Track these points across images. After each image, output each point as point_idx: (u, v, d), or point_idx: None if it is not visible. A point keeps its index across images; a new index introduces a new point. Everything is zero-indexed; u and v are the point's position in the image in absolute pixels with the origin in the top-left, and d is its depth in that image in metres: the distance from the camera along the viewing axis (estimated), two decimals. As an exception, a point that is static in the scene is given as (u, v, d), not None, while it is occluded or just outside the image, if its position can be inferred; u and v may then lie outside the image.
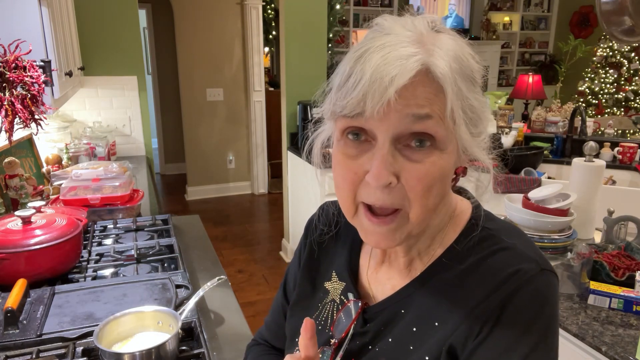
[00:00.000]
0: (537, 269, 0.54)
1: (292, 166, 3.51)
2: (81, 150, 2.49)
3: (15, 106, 1.30)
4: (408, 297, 0.60)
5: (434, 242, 0.61)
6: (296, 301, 0.75)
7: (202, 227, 1.86)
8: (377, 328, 0.61)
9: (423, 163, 0.51)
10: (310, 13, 3.36)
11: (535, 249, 0.58)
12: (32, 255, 1.23)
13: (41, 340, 1.01)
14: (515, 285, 0.52)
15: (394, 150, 0.51)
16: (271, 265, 3.71)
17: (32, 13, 1.45)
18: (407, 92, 0.48)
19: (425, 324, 0.57)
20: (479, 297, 0.53)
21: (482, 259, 0.56)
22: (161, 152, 6.15)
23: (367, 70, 0.48)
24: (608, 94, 5.17)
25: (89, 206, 1.86)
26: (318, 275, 0.73)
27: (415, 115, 0.49)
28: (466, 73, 0.52)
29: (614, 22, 2.27)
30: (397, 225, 0.54)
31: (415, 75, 0.48)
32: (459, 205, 0.63)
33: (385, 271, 0.65)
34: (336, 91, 0.52)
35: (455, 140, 0.52)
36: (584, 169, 1.70)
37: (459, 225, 0.61)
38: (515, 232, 0.60)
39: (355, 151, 0.53)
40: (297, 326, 0.71)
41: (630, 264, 1.42)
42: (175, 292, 1.20)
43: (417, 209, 0.52)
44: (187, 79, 4.98)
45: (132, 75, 3.06)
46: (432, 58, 0.49)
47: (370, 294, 0.66)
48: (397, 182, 0.51)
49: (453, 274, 0.57)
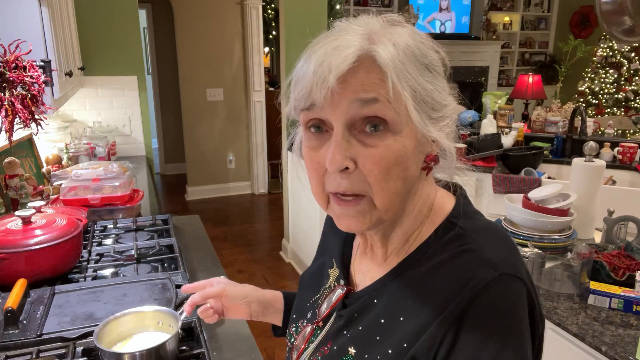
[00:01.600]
0: (495, 275, 0.52)
1: (292, 166, 3.51)
2: (81, 150, 2.49)
3: (15, 106, 1.30)
4: (381, 288, 0.62)
5: (411, 237, 0.62)
6: (303, 280, 0.81)
7: (202, 227, 1.86)
8: (352, 314, 0.64)
9: (377, 147, 0.53)
10: (310, 13, 3.36)
11: (504, 251, 0.56)
12: (32, 255, 1.23)
13: (41, 340, 1.01)
14: (472, 293, 0.52)
15: (349, 136, 0.53)
16: (271, 265, 3.71)
17: (32, 13, 1.45)
18: (352, 79, 0.51)
19: (392, 317, 0.58)
20: (441, 300, 0.53)
21: (446, 260, 0.56)
22: (161, 152, 6.15)
23: (312, 62, 0.52)
24: (608, 94, 5.17)
25: (89, 206, 1.86)
26: (324, 262, 0.78)
27: (362, 100, 0.51)
28: (418, 60, 0.53)
29: (614, 22, 2.27)
30: (363, 207, 0.55)
31: (356, 61, 0.51)
32: (439, 199, 0.63)
33: (367, 262, 0.68)
34: (292, 88, 0.56)
35: (410, 124, 0.53)
36: (584, 169, 1.70)
37: (435, 221, 0.61)
38: (488, 233, 0.59)
39: (317, 142, 0.56)
40: (299, 304, 0.77)
41: (630, 264, 1.42)
42: (175, 292, 1.20)
43: (379, 192, 0.54)
44: (187, 79, 4.99)
45: (132, 75, 3.06)
46: (374, 45, 0.52)
47: (356, 282, 0.69)
48: (355, 167, 0.53)
49: (421, 271, 0.58)
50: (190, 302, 0.83)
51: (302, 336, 0.71)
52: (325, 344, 0.66)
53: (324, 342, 0.67)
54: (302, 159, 0.61)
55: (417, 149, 0.55)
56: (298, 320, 0.75)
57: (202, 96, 5.06)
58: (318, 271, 0.78)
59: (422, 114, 0.54)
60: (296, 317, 0.76)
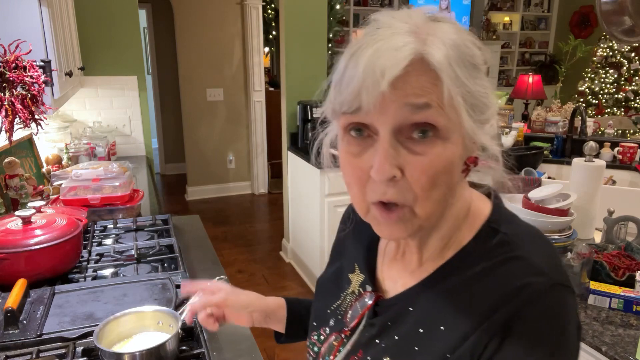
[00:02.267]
0: (548, 284, 0.51)
1: (292, 166, 3.51)
2: (81, 150, 2.49)
3: (16, 106, 1.30)
4: (416, 296, 0.59)
5: (449, 243, 0.59)
6: (321, 285, 0.78)
7: (202, 227, 1.86)
8: (384, 322, 0.61)
9: (426, 155, 0.50)
10: (310, 13, 3.36)
11: (552, 258, 0.55)
12: (32, 255, 1.23)
13: (41, 340, 1.01)
14: (523, 301, 0.50)
15: (396, 143, 0.50)
16: (271, 265, 3.71)
17: (32, 13, 1.45)
18: (402, 83, 0.48)
19: (432, 326, 0.56)
20: (486, 308, 0.51)
21: (492, 268, 0.54)
22: (161, 152, 6.15)
23: (360, 64, 0.48)
24: (608, 94, 5.17)
25: (89, 206, 1.86)
26: (343, 266, 0.74)
27: (413, 105, 0.48)
28: (466, 60, 0.50)
29: (614, 22, 2.27)
30: (404, 216, 0.53)
31: (409, 64, 0.47)
32: (475, 202, 0.61)
33: (398, 268, 0.65)
34: (334, 89, 0.52)
35: (459, 129, 0.51)
36: (584, 169, 1.70)
37: (474, 226, 0.59)
38: (533, 238, 0.57)
39: (359, 148, 0.53)
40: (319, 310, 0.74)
41: (630, 264, 1.42)
42: (175, 292, 1.20)
43: (423, 201, 0.51)
44: (187, 79, 4.98)
45: (132, 75, 3.06)
46: (426, 47, 0.48)
47: (385, 289, 0.66)
48: (401, 176, 0.50)
49: (462, 278, 0.56)
50: (190, 310, 0.81)
51: (329, 345, 0.68)
52: (355, 353, 0.64)
53: (354, 351, 0.64)
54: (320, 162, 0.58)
55: (463, 154, 0.53)
56: (319, 328, 0.72)
57: (202, 96, 5.06)
58: (336, 276, 0.75)
59: (472, 119, 0.51)
60: (317, 324, 0.73)
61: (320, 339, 0.71)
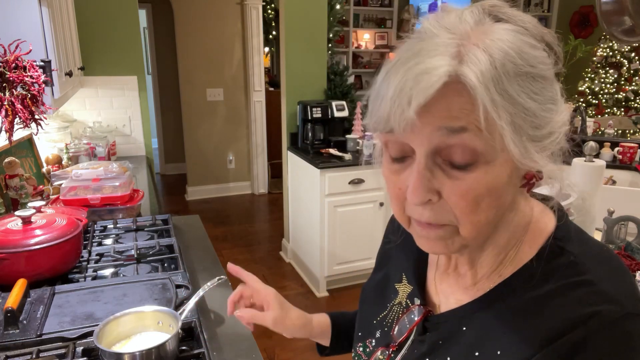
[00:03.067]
0: (621, 313, 0.47)
1: (292, 166, 3.51)
2: (81, 150, 2.49)
3: (16, 106, 1.30)
4: (471, 315, 0.56)
5: (506, 259, 0.55)
6: (366, 294, 0.76)
7: (202, 227, 1.86)
8: (435, 340, 0.58)
9: (464, 180, 0.46)
10: (310, 13, 3.36)
11: (625, 284, 0.50)
12: (32, 255, 1.23)
13: (41, 340, 1.01)
14: (593, 329, 0.46)
15: (433, 165, 0.48)
16: (271, 265, 3.71)
17: (32, 13, 1.45)
18: (437, 105, 0.45)
19: (488, 349, 0.52)
20: (549, 334, 0.47)
21: (558, 291, 0.49)
22: (161, 152, 6.15)
23: (391, 87, 0.45)
24: (608, 94, 5.17)
25: (89, 206, 1.86)
26: (389, 274, 0.72)
27: (448, 129, 0.45)
28: (520, 70, 0.45)
29: (614, 22, 2.27)
30: (445, 234, 0.50)
31: (442, 87, 0.44)
32: (536, 216, 0.56)
33: (450, 283, 0.61)
34: (370, 105, 0.50)
35: (506, 150, 0.46)
36: (584, 169, 1.70)
37: (536, 242, 0.54)
38: (603, 260, 0.52)
39: (399, 166, 0.51)
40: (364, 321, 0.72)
41: (630, 264, 1.42)
42: (175, 292, 1.20)
43: (466, 225, 0.49)
44: (187, 79, 4.98)
45: (132, 75, 3.06)
46: (462, 67, 0.44)
47: (436, 302, 0.63)
48: (438, 199, 0.48)
49: (523, 300, 0.51)
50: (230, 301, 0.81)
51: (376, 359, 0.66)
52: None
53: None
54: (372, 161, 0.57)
55: (514, 173, 0.49)
56: (365, 339, 0.70)
57: (202, 96, 5.06)
58: (382, 284, 0.72)
59: (521, 139, 0.45)
60: (362, 334, 0.71)
61: (366, 351, 0.69)
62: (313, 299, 3.21)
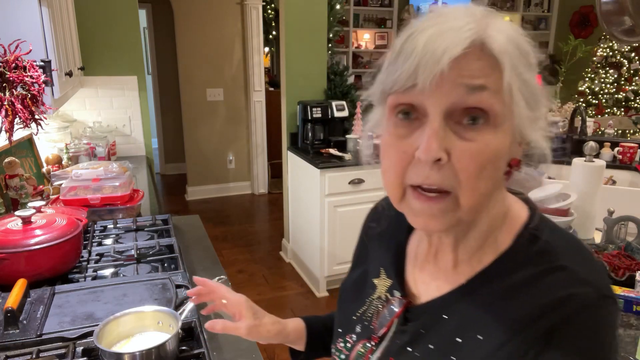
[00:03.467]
0: (593, 295, 0.49)
1: (292, 166, 3.51)
2: (81, 150, 2.49)
3: (16, 106, 1.30)
4: (453, 303, 0.57)
5: (485, 245, 0.57)
6: (344, 292, 0.76)
7: (202, 227, 1.86)
8: (417, 329, 0.60)
9: (476, 142, 0.49)
10: (310, 13, 3.36)
11: (597, 269, 0.53)
12: (32, 255, 1.23)
13: (41, 340, 1.01)
14: (568, 311, 0.48)
15: (445, 126, 0.49)
16: (271, 265, 3.71)
17: (32, 13, 1.45)
18: (461, 64, 0.47)
19: (470, 335, 0.54)
20: (528, 317, 0.50)
21: (536, 277, 0.52)
22: (161, 152, 6.15)
23: (420, 42, 0.48)
24: (608, 94, 5.17)
25: (89, 206, 1.86)
26: (368, 270, 0.72)
27: (469, 86, 0.48)
28: (523, 54, 0.51)
29: (614, 22, 2.27)
30: (446, 206, 0.51)
31: (469, 46, 0.47)
32: (513, 206, 0.59)
33: (430, 271, 0.63)
34: (387, 68, 0.52)
35: (511, 118, 0.50)
36: (584, 169, 1.70)
37: (512, 230, 0.57)
38: (576, 248, 0.55)
39: (406, 130, 0.52)
40: (344, 317, 0.72)
41: (630, 264, 1.42)
42: (175, 292, 1.20)
43: (467, 191, 0.50)
44: (187, 79, 4.98)
45: (132, 75, 3.06)
46: (488, 30, 0.49)
47: (416, 293, 0.64)
48: (447, 160, 0.49)
49: (502, 286, 0.54)
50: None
51: (357, 354, 0.66)
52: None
53: (384, 359, 0.62)
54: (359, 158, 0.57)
55: (510, 148, 0.52)
56: (345, 335, 0.70)
57: (202, 96, 5.06)
58: (359, 281, 0.73)
59: (527, 109, 0.51)
60: (342, 331, 0.71)
61: (347, 346, 0.69)
62: (313, 299, 3.21)
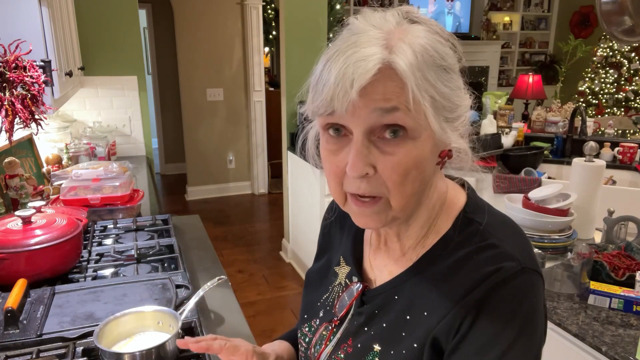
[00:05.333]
0: (517, 268, 0.56)
1: (292, 166, 3.51)
2: (81, 150, 2.49)
3: (16, 106, 1.30)
4: (402, 284, 0.63)
5: (428, 232, 0.64)
6: (309, 281, 0.81)
7: (202, 227, 1.86)
8: (372, 310, 0.65)
9: (396, 154, 0.54)
10: (310, 13, 3.36)
11: (523, 246, 0.60)
12: (32, 255, 1.23)
13: (41, 340, 1.01)
14: (494, 282, 0.55)
15: (368, 143, 0.54)
16: (271, 265, 3.71)
17: (32, 13, 1.45)
18: (371, 89, 0.51)
19: (417, 312, 0.60)
20: (462, 292, 0.56)
21: (469, 255, 0.58)
22: (161, 152, 6.15)
23: (333, 73, 0.52)
24: (608, 94, 5.17)
25: (89, 206, 1.86)
26: (330, 259, 0.78)
27: (383, 109, 0.52)
28: (436, 63, 0.53)
29: (614, 22, 2.27)
30: (379, 208, 0.57)
31: (377, 72, 0.51)
32: (451, 192, 0.65)
33: (382, 257, 0.69)
34: (311, 92, 0.56)
35: (428, 128, 0.54)
36: (584, 169, 1.70)
37: (451, 215, 0.63)
38: (505, 228, 0.62)
39: (336, 146, 0.57)
40: (309, 303, 0.78)
41: (630, 264, 1.42)
42: (175, 292, 1.20)
43: (396, 195, 0.56)
44: (187, 79, 4.98)
45: (132, 75, 3.06)
46: (392, 55, 0.52)
47: (372, 278, 0.70)
48: (374, 172, 0.55)
49: (443, 266, 0.60)
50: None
51: (320, 335, 0.71)
52: (345, 341, 0.67)
53: (344, 339, 0.68)
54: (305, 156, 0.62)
55: (433, 149, 0.57)
56: (310, 320, 0.75)
57: (202, 96, 5.06)
58: (324, 270, 0.78)
59: (440, 119, 0.55)
60: (307, 316, 0.76)
61: (311, 330, 0.74)
62: (313, 299, 3.21)
